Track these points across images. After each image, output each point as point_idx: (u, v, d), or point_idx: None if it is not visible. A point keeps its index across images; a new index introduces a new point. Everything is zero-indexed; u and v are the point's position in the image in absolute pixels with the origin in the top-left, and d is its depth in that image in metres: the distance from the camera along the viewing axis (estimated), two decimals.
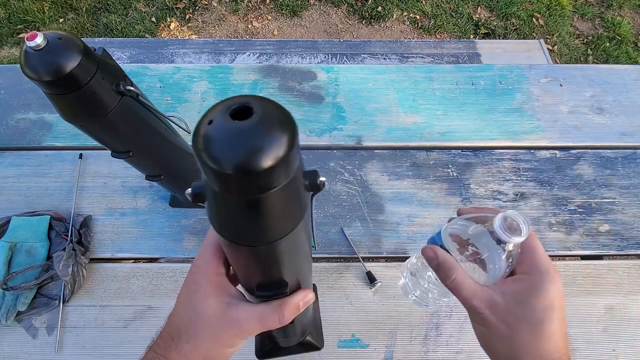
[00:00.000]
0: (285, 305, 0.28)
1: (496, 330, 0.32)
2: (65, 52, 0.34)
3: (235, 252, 0.24)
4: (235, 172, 0.16)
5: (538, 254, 0.32)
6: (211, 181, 0.18)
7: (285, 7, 1.93)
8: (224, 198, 0.19)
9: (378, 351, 0.57)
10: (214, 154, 0.17)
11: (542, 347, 0.30)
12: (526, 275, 0.32)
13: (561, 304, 0.31)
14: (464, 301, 0.33)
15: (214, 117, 0.17)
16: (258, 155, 0.16)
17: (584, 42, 1.95)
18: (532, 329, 0.30)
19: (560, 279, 0.32)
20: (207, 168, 0.17)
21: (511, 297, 0.31)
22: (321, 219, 0.65)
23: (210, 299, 0.28)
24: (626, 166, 0.71)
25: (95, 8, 1.88)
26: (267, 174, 0.17)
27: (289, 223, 0.21)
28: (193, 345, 0.28)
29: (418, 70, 0.81)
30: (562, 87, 0.79)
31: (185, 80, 0.78)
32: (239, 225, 0.20)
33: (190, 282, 0.30)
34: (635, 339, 0.58)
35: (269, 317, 0.28)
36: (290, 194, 0.20)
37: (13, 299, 0.57)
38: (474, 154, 0.72)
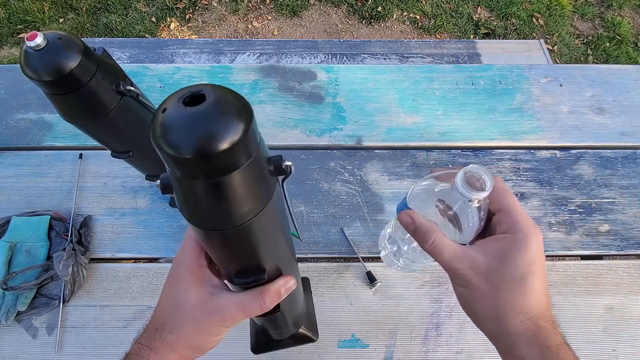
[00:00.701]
0: (266, 292, 0.29)
1: (479, 289, 0.31)
2: (65, 52, 0.34)
3: (207, 239, 0.24)
4: (192, 156, 0.17)
5: (516, 212, 0.32)
6: (171, 168, 0.19)
7: (285, 7, 1.93)
8: (185, 184, 0.19)
9: (378, 351, 0.57)
10: (170, 140, 0.17)
11: (527, 303, 0.30)
12: (507, 234, 0.32)
13: (541, 257, 0.31)
14: (444, 263, 0.32)
15: (168, 105, 0.18)
16: (212, 138, 0.17)
17: (584, 42, 1.95)
18: (516, 285, 0.30)
19: (539, 233, 0.32)
20: (166, 155, 0.17)
21: (493, 255, 0.31)
22: (321, 219, 0.65)
23: (192, 289, 0.29)
24: (626, 166, 0.71)
25: (95, 8, 1.88)
26: (222, 156, 0.17)
27: (254, 206, 0.21)
28: (176, 335, 0.29)
29: (418, 70, 0.81)
30: (562, 87, 0.79)
31: (185, 80, 0.78)
32: (204, 209, 0.20)
33: (172, 275, 0.30)
34: (635, 339, 0.58)
35: (250, 304, 0.28)
36: (252, 176, 0.20)
37: (13, 299, 0.57)
38: (474, 154, 0.72)
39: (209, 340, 0.30)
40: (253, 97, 0.76)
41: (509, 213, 0.32)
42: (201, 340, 0.29)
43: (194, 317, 0.29)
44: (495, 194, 0.32)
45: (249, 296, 0.29)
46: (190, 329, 0.29)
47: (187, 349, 0.29)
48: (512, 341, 0.30)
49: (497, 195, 0.33)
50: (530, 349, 0.29)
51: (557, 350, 0.29)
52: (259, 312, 0.29)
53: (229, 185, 0.19)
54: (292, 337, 0.52)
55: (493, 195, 0.32)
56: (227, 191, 0.19)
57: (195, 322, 0.29)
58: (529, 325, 0.30)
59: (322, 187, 0.68)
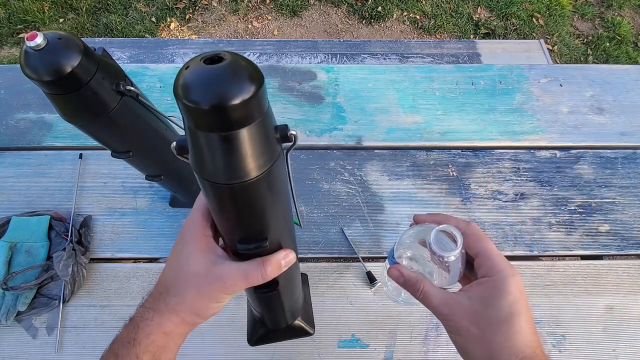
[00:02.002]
0: (268, 261, 0.30)
1: (469, 334, 0.33)
2: (65, 52, 0.34)
3: (216, 198, 0.25)
4: (209, 108, 0.19)
5: (492, 256, 0.34)
6: (189, 121, 0.21)
7: (285, 7, 1.93)
8: (201, 137, 0.21)
9: (378, 351, 0.57)
10: (190, 93, 0.19)
11: (517, 343, 0.31)
12: (487, 277, 0.33)
13: (523, 296, 0.33)
14: (434, 309, 0.35)
15: (190, 63, 0.20)
16: (228, 93, 0.19)
17: (584, 42, 1.95)
18: (503, 327, 0.32)
19: (517, 273, 0.33)
20: (186, 107, 0.19)
21: (477, 299, 0.33)
22: (321, 219, 0.65)
23: (196, 256, 0.30)
24: (626, 166, 0.71)
25: (95, 8, 1.88)
26: (235, 110, 0.19)
27: (261, 163, 0.23)
28: (179, 298, 0.30)
29: (418, 70, 0.81)
30: (562, 87, 0.79)
31: None
32: (216, 163, 0.22)
33: (179, 242, 0.31)
34: (635, 339, 0.58)
35: (252, 272, 0.29)
36: (260, 135, 0.22)
37: (13, 299, 0.57)
38: (474, 154, 0.72)
39: (210, 307, 0.31)
40: None
41: (486, 257, 0.34)
42: (203, 306, 0.30)
43: (197, 283, 0.30)
44: (472, 239, 0.35)
45: (251, 265, 0.30)
46: (193, 294, 0.30)
47: (189, 313, 0.30)
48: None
49: (474, 241, 0.35)
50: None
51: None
52: (259, 281, 0.30)
53: (239, 139, 0.21)
54: (289, 329, 0.52)
55: (470, 241, 0.35)
56: (238, 145, 0.21)
57: (198, 288, 0.30)
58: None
59: (322, 187, 0.68)
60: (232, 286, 0.30)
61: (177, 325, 0.30)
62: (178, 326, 0.30)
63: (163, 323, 0.30)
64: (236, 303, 0.59)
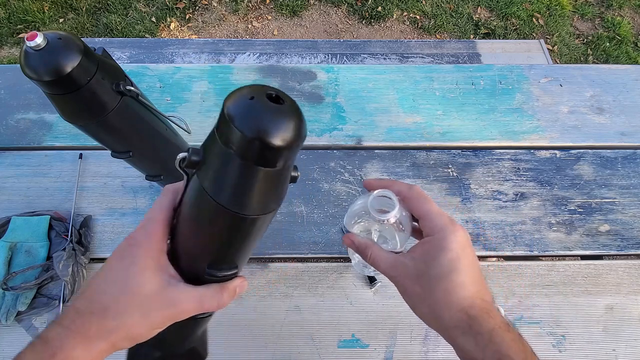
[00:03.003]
0: (226, 289, 0.28)
1: (414, 293, 0.35)
2: (65, 52, 0.34)
3: (213, 222, 0.24)
4: (273, 146, 0.20)
5: (433, 216, 0.35)
6: (239, 150, 0.21)
7: (285, 7, 1.93)
8: (245, 167, 0.21)
9: (378, 351, 0.57)
10: (257, 125, 0.20)
11: (455, 298, 0.32)
12: (429, 236, 0.35)
13: (466, 252, 0.33)
14: (383, 272, 0.36)
15: (254, 94, 0.21)
16: (294, 135, 0.21)
17: (584, 42, 1.95)
18: (443, 283, 0.33)
19: (461, 229, 0.34)
20: (244, 138, 0.20)
21: (420, 260, 0.34)
22: (321, 219, 0.65)
23: (147, 275, 0.27)
24: (626, 166, 0.71)
25: (95, 8, 1.88)
26: (293, 151, 0.21)
27: (276, 204, 0.24)
28: (119, 322, 0.26)
29: (418, 70, 0.81)
30: (562, 87, 0.79)
31: (185, 80, 0.78)
32: (247, 193, 0.22)
33: (127, 254, 0.27)
34: (635, 339, 0.58)
35: (209, 299, 0.28)
36: (287, 176, 0.23)
37: (13, 299, 0.57)
38: (474, 154, 0.72)
39: (150, 333, 0.27)
40: None
41: (427, 219, 0.35)
42: (143, 332, 0.27)
43: (144, 307, 0.26)
44: (414, 202, 0.36)
45: (208, 291, 0.28)
46: (136, 318, 0.26)
47: (124, 339, 0.26)
48: (451, 335, 0.33)
49: (416, 203, 0.36)
50: (466, 339, 0.32)
51: (490, 335, 0.31)
52: (214, 308, 0.28)
53: (280, 177, 0.22)
54: (187, 353, 0.41)
55: (412, 204, 0.36)
56: (276, 181, 0.23)
57: (143, 311, 0.26)
58: (461, 316, 0.32)
59: (322, 187, 0.68)
60: (184, 313, 0.27)
61: (103, 353, 0.26)
62: (104, 353, 0.26)
63: (91, 350, 0.25)
64: (236, 303, 0.59)
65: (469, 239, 0.35)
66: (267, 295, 0.59)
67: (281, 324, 0.58)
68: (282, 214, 0.65)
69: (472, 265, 0.34)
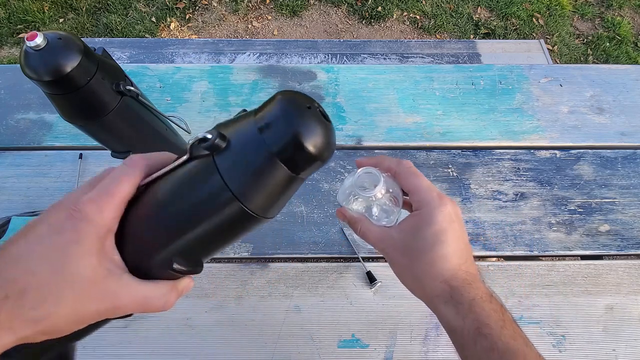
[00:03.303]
0: (176, 289, 0.25)
1: (400, 264, 0.36)
2: (65, 52, 0.34)
3: (215, 213, 0.23)
4: (320, 159, 0.23)
5: (421, 190, 0.36)
6: (283, 151, 0.21)
7: (285, 7, 1.93)
8: (278, 168, 0.22)
9: (378, 351, 0.57)
10: (318, 140, 0.22)
11: (438, 268, 0.34)
12: (417, 210, 0.35)
13: (453, 226, 0.34)
14: (373, 245, 0.37)
15: (310, 105, 0.23)
16: (332, 152, 0.24)
17: (584, 42, 1.95)
18: (427, 255, 0.34)
19: (448, 202, 0.35)
20: (294, 142, 0.21)
21: (406, 232, 0.35)
22: (321, 219, 0.65)
23: (89, 258, 0.21)
24: (626, 166, 0.71)
25: (95, 8, 1.88)
26: (321, 166, 0.24)
27: (280, 210, 0.25)
28: (44, 312, 0.20)
29: (418, 70, 0.81)
30: (562, 87, 0.79)
31: (185, 80, 0.78)
32: (269, 194, 0.23)
33: (69, 228, 0.21)
34: (635, 339, 0.58)
35: (157, 299, 0.24)
36: (298, 188, 0.25)
37: None
38: (474, 154, 0.72)
39: (72, 328, 0.22)
40: (253, 97, 0.76)
41: (416, 193, 0.36)
42: (65, 326, 0.22)
43: (78, 295, 0.21)
44: (403, 177, 0.37)
45: (157, 289, 0.24)
46: (67, 309, 0.21)
47: (41, 333, 0.21)
48: (434, 304, 0.34)
49: (405, 179, 0.37)
50: (447, 308, 0.33)
51: (470, 305, 0.32)
52: (158, 310, 0.24)
53: (298, 187, 0.24)
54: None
55: (402, 179, 0.37)
56: (294, 190, 0.24)
57: (76, 302, 0.21)
58: (443, 287, 0.33)
59: (322, 187, 0.68)
60: (123, 309, 0.23)
61: (2, 348, 0.21)
62: (3, 349, 0.21)
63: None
64: (236, 303, 0.59)
65: (457, 213, 0.35)
66: (267, 295, 0.59)
67: (281, 324, 0.58)
68: (282, 213, 0.65)
69: (458, 239, 0.34)
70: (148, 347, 0.56)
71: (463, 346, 0.32)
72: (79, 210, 0.22)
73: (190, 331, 0.57)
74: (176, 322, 0.57)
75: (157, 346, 0.56)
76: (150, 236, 0.24)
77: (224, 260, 0.62)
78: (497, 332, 0.31)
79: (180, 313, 0.58)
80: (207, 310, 0.58)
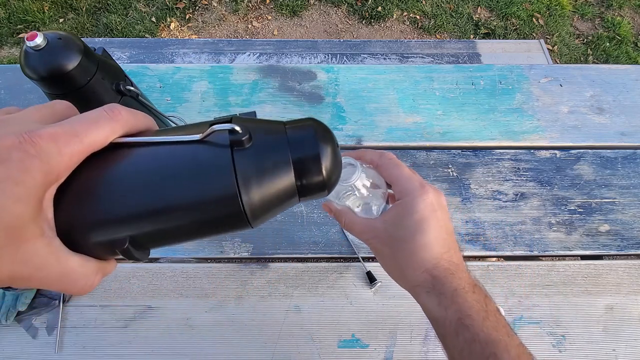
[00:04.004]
0: (102, 271, 0.21)
1: (383, 254, 0.36)
2: (65, 52, 0.34)
3: (204, 203, 0.21)
4: (324, 188, 0.24)
5: (402, 181, 0.36)
6: (305, 175, 0.23)
7: (285, 7, 1.93)
8: (293, 187, 0.23)
9: (378, 351, 0.57)
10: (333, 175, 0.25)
11: (419, 258, 0.33)
12: (399, 200, 0.36)
13: (435, 215, 0.34)
14: (358, 236, 0.38)
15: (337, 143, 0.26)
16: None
17: (584, 42, 1.95)
18: (408, 244, 0.34)
19: (430, 191, 0.35)
20: (317, 170, 0.23)
21: (389, 222, 0.36)
22: (321, 219, 0.65)
23: (25, 207, 0.17)
24: (626, 166, 0.71)
25: (95, 8, 1.88)
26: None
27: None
28: None
29: (418, 70, 0.81)
30: (562, 87, 0.79)
31: (185, 80, 0.78)
32: (272, 206, 0.23)
33: (13, 160, 0.17)
34: (635, 339, 0.58)
35: (81, 278, 0.20)
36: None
37: (13, 299, 0.57)
38: (474, 154, 0.72)
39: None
40: (253, 97, 0.76)
41: (397, 183, 0.36)
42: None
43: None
44: (384, 169, 0.37)
45: (86, 266, 0.20)
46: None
47: None
48: (416, 293, 0.34)
49: (386, 170, 0.37)
50: (429, 298, 0.33)
51: (452, 295, 0.32)
52: (77, 292, 0.20)
53: (285, 208, 0.25)
54: None
55: (383, 170, 0.37)
56: (280, 212, 0.24)
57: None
58: (425, 276, 0.33)
59: None
60: (36, 281, 0.19)
61: None
62: None
63: None
64: (236, 303, 0.59)
65: (440, 201, 0.35)
66: (267, 295, 0.60)
67: (281, 324, 0.58)
68: (283, 213, 0.65)
69: (440, 228, 0.34)
70: (148, 347, 0.56)
71: (445, 336, 0.33)
72: (34, 144, 0.17)
73: (190, 331, 0.57)
74: (176, 322, 0.58)
75: (157, 346, 0.56)
76: (112, 205, 0.20)
77: (224, 260, 0.62)
78: (479, 323, 0.31)
79: (180, 313, 0.58)
80: (207, 310, 0.58)
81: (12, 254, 0.17)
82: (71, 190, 0.19)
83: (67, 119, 0.19)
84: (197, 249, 0.62)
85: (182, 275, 0.60)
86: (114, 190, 0.20)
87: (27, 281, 0.18)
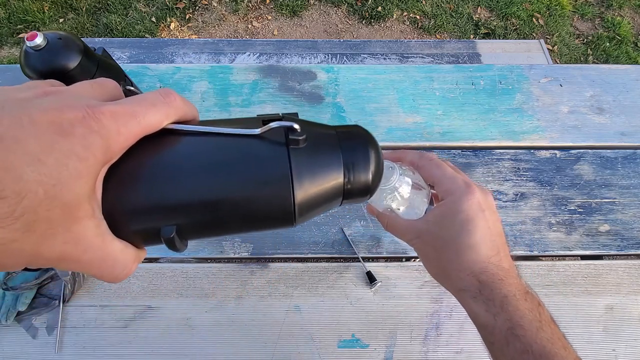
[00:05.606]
0: (138, 260, 0.20)
1: (427, 255, 0.35)
2: (65, 52, 0.34)
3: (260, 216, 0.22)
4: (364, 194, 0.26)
5: (445, 181, 0.35)
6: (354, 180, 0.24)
7: (285, 7, 1.93)
8: (336, 192, 0.24)
9: (378, 351, 0.57)
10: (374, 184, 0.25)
11: (465, 260, 0.32)
12: (443, 200, 0.35)
13: (483, 215, 0.33)
14: (401, 238, 0.37)
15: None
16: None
17: (584, 42, 1.95)
18: (452, 245, 0.33)
19: (476, 190, 0.34)
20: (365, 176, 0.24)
21: (433, 223, 0.35)
22: (321, 219, 0.65)
23: (84, 185, 0.16)
24: (626, 166, 0.71)
25: (95, 8, 1.88)
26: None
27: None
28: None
29: (418, 70, 0.81)
30: (562, 87, 0.79)
31: (185, 80, 0.78)
32: (315, 205, 0.23)
33: (78, 135, 0.16)
34: (635, 339, 0.58)
35: (119, 265, 0.19)
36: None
37: (13, 299, 0.57)
38: (474, 154, 0.72)
39: (18, 263, 0.16)
40: (253, 97, 0.76)
41: (439, 183, 0.35)
42: (16, 257, 0.16)
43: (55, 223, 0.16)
44: (425, 170, 0.36)
45: (127, 253, 0.19)
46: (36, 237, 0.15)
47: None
48: (462, 297, 0.33)
49: (428, 171, 0.36)
50: (476, 304, 0.31)
51: (502, 303, 0.30)
52: (112, 280, 0.20)
53: (326, 210, 0.26)
54: None
55: (424, 171, 0.36)
56: (321, 212, 0.25)
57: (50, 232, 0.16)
58: (471, 281, 0.32)
59: None
60: (79, 263, 0.18)
61: None
62: None
63: None
64: (236, 303, 0.59)
65: (488, 201, 0.34)
66: (267, 295, 0.60)
67: (281, 324, 0.58)
68: None
69: (488, 228, 0.33)
70: (148, 347, 0.56)
71: (493, 344, 0.31)
72: (98, 120, 0.16)
73: (190, 331, 0.57)
74: (176, 322, 0.58)
75: (157, 346, 0.56)
76: (165, 191, 0.19)
77: (224, 260, 0.62)
78: (532, 334, 0.29)
79: (180, 313, 0.58)
80: (207, 310, 0.58)
81: (64, 233, 0.16)
82: (121, 172, 0.18)
83: (126, 99, 0.19)
84: (197, 249, 0.62)
85: (182, 275, 0.60)
86: (168, 176, 0.19)
87: (75, 263, 0.17)
